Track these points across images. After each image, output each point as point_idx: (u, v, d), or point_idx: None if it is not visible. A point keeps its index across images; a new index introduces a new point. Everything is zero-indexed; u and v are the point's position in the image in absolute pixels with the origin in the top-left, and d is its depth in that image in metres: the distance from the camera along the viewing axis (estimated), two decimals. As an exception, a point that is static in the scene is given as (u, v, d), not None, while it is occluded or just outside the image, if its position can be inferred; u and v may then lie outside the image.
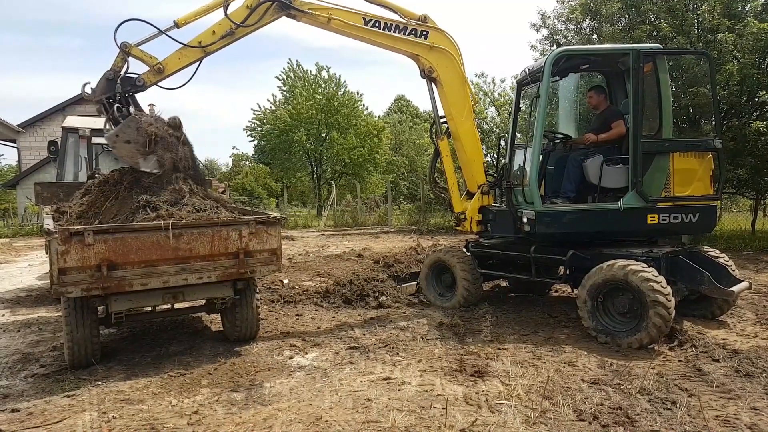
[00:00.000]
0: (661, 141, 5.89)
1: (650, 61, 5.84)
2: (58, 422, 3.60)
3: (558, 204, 5.97)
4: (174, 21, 5.40)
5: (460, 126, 6.53)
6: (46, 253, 4.49)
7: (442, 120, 6.73)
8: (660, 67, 5.94)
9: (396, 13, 6.23)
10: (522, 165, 6.25)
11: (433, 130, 7.00)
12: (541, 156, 6.24)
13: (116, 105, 5.25)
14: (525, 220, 5.93)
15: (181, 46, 5.45)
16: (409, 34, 6.18)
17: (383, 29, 6.09)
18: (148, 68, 5.36)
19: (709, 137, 5.81)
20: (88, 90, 5.19)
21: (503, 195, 6.60)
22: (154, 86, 5.47)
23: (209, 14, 5.57)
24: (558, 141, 6.57)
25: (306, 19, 5.85)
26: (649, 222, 5.61)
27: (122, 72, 5.27)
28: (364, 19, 6.03)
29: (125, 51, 5.24)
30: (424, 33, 6.23)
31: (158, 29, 5.35)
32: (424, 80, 6.55)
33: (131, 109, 5.28)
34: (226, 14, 5.52)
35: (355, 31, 6.02)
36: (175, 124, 5.13)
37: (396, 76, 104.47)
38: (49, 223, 4.46)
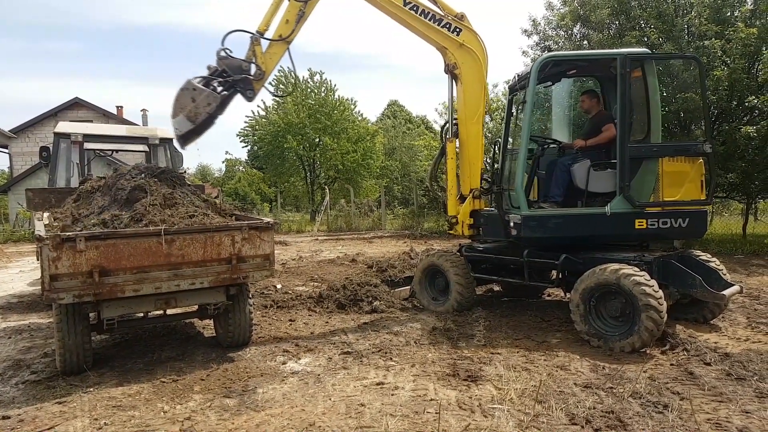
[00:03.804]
0: (649, 146, 5.89)
1: (638, 66, 5.87)
2: (49, 429, 3.58)
3: (545, 208, 6.02)
4: (257, 31, 5.86)
5: (469, 128, 6.60)
6: (38, 259, 4.46)
7: (455, 121, 6.80)
8: (648, 72, 5.96)
9: (437, 5, 6.42)
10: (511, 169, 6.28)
11: (445, 130, 7.05)
12: (531, 161, 6.29)
13: (220, 79, 5.74)
14: (512, 224, 5.99)
15: (268, 45, 5.90)
16: (442, 27, 6.36)
17: (419, 14, 6.32)
18: (251, 75, 5.82)
19: (698, 142, 5.79)
20: (223, 53, 5.72)
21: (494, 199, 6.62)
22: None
23: (280, 7, 5.97)
24: (547, 146, 6.61)
25: None
26: (637, 227, 5.59)
27: (253, 62, 5.83)
28: (404, 0, 6.24)
29: (253, 42, 5.81)
30: (457, 29, 6.39)
31: (253, 34, 5.83)
32: (447, 75, 6.66)
33: (222, 92, 5.75)
34: None
35: (392, 8, 6.26)
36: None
37: (389, 82, 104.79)
38: (40, 229, 4.43)
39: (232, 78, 5.72)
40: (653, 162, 5.67)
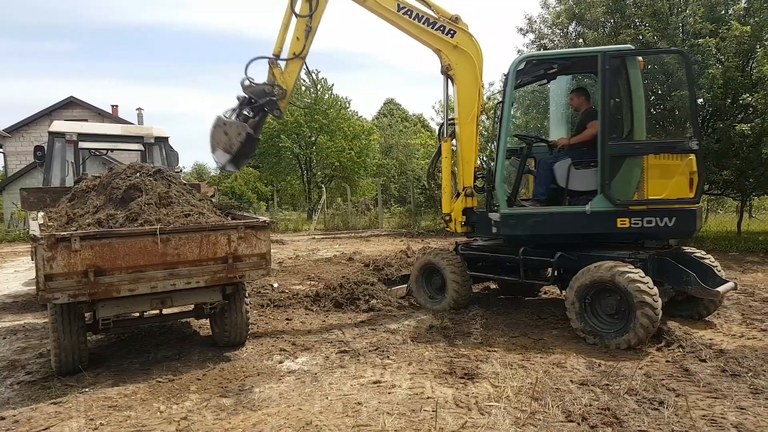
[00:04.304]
0: (630, 143, 5.85)
1: (620, 63, 5.81)
2: (44, 429, 3.56)
3: (526, 207, 6.09)
4: (273, 54, 6.36)
5: (462, 127, 6.64)
6: (32, 259, 4.44)
7: (450, 121, 6.85)
8: (631, 69, 5.91)
9: (430, 8, 6.51)
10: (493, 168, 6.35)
11: (442, 130, 7.10)
12: (518, 159, 6.34)
13: (249, 107, 6.30)
14: (492, 221, 6.10)
15: (285, 65, 6.38)
16: (436, 29, 6.43)
17: (413, 19, 6.42)
18: (275, 96, 6.32)
19: (684, 139, 5.54)
20: (246, 82, 6.25)
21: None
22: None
23: (289, 28, 6.38)
24: (533, 144, 6.65)
25: None
26: (619, 225, 5.49)
27: (275, 83, 6.34)
28: (398, 5, 6.41)
29: (271, 65, 6.35)
30: (452, 32, 6.43)
31: (270, 57, 6.34)
32: (443, 76, 6.73)
33: (252, 118, 6.31)
34: (297, 15, 6.31)
35: (386, 13, 6.45)
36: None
37: (387, 81, 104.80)
38: (35, 229, 4.41)
39: (258, 103, 6.25)
40: (637, 159, 5.60)
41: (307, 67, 6.53)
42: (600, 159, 5.55)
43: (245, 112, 6.31)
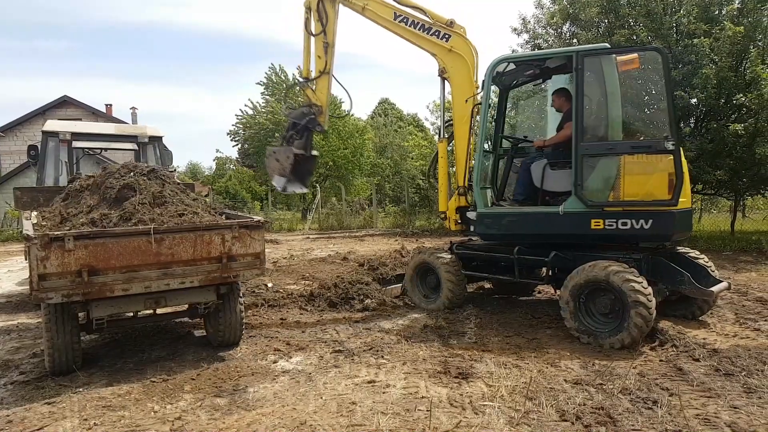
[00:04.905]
0: (603, 144, 5.75)
1: (595, 62, 5.78)
2: (38, 430, 3.55)
3: (503, 207, 6.21)
4: (303, 78, 7.19)
5: (456, 128, 6.73)
6: (26, 259, 4.42)
7: (447, 123, 6.97)
8: (606, 68, 5.87)
9: (425, 14, 6.71)
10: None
11: (440, 131, 7.25)
12: (505, 159, 6.49)
13: (293, 130, 7.06)
14: (470, 220, 6.31)
15: (315, 84, 7.08)
16: (431, 35, 6.64)
17: (409, 26, 6.71)
18: (314, 114, 7.04)
19: (660, 139, 5.34)
20: (287, 110, 7.35)
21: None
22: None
23: (311, 50, 7.08)
24: (518, 145, 6.71)
25: (347, 4, 6.99)
26: (593, 227, 5.41)
27: (311, 103, 7.08)
28: (394, 13, 6.74)
29: (303, 88, 7.18)
30: (447, 36, 6.59)
31: (301, 82, 7.25)
32: (439, 78, 6.86)
33: (299, 140, 7.04)
34: (313, 35, 7.01)
35: (383, 22, 6.80)
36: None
37: (383, 81, 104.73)
38: (28, 229, 4.39)
39: (301, 124, 6.99)
40: (611, 160, 5.50)
41: (336, 79, 7.15)
42: (573, 159, 5.52)
43: (292, 134, 7.04)
